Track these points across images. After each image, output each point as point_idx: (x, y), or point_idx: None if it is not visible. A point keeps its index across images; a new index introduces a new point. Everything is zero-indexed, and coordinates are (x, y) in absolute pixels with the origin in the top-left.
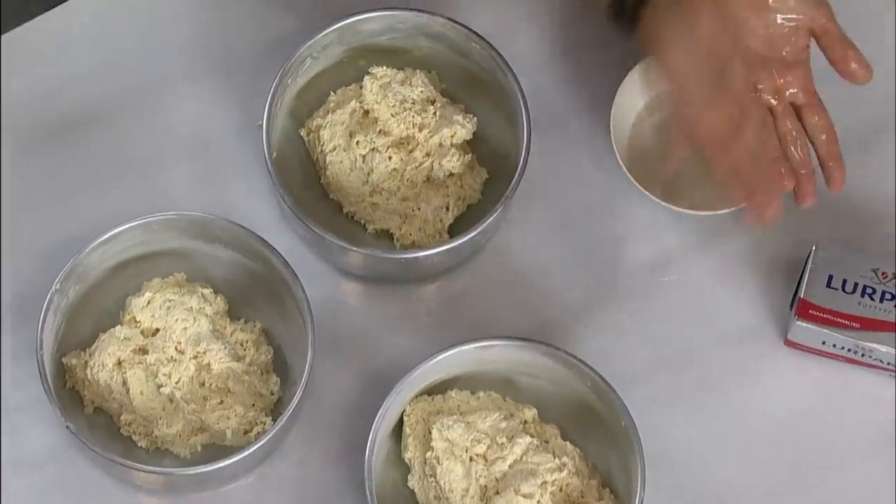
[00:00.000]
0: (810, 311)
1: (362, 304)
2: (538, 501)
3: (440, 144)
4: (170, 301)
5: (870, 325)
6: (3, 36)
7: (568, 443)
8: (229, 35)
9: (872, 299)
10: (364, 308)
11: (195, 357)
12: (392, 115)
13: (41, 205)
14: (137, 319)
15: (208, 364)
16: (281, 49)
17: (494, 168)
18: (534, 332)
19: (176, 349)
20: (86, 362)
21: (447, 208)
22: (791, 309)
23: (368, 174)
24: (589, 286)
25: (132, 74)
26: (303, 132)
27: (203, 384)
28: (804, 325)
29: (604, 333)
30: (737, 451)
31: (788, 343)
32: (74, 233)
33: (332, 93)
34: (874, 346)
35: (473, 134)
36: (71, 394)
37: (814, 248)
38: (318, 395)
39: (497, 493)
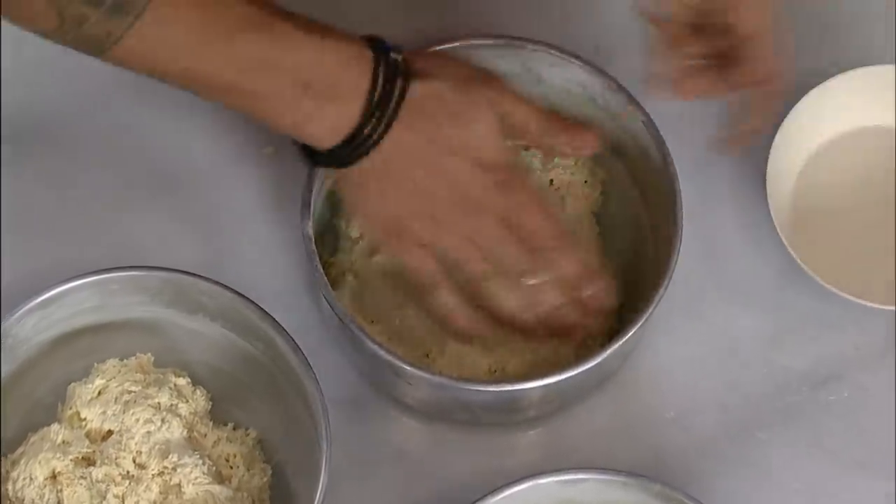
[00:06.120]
0: None
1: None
2: None
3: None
4: (129, 393)
5: None
6: None
7: None
8: None
9: None
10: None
11: (161, 474)
12: None
13: None
14: (82, 416)
15: (179, 485)
16: None
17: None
18: (642, 465)
19: (134, 462)
20: (7, 472)
21: None
22: None
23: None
24: (724, 404)
25: (89, 78)
26: None
27: None
28: None
29: (741, 471)
30: None
31: None
32: (1, 290)
33: None
34: None
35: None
36: None
37: None
38: None
39: None
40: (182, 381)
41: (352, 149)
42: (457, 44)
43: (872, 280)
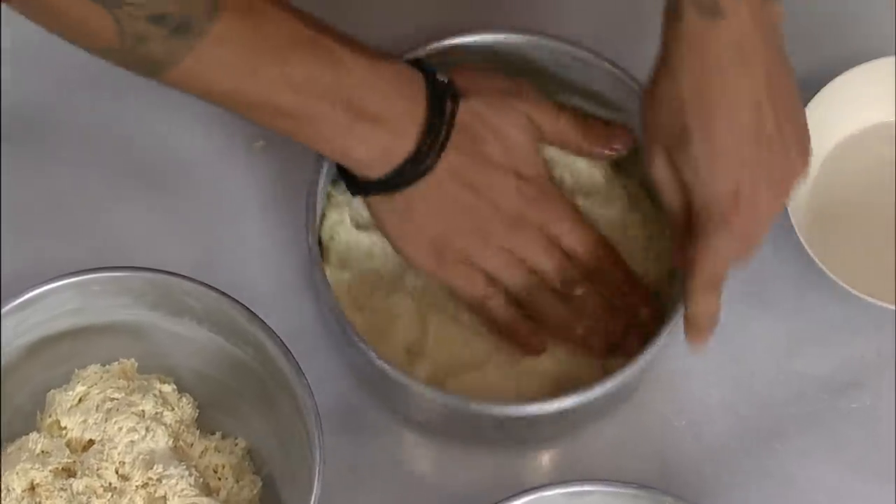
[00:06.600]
0: None
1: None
2: None
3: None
4: (112, 400)
5: None
6: None
7: None
8: None
9: None
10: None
11: (145, 486)
12: None
13: None
14: (62, 425)
15: (164, 497)
16: None
17: None
18: (652, 477)
19: (117, 473)
20: None
21: None
22: None
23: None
24: (738, 412)
25: (70, 71)
26: None
27: None
28: None
29: (756, 483)
30: None
31: None
32: None
33: None
34: None
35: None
36: None
37: None
38: None
39: None
40: (167, 388)
41: (404, 175)
42: (480, 37)
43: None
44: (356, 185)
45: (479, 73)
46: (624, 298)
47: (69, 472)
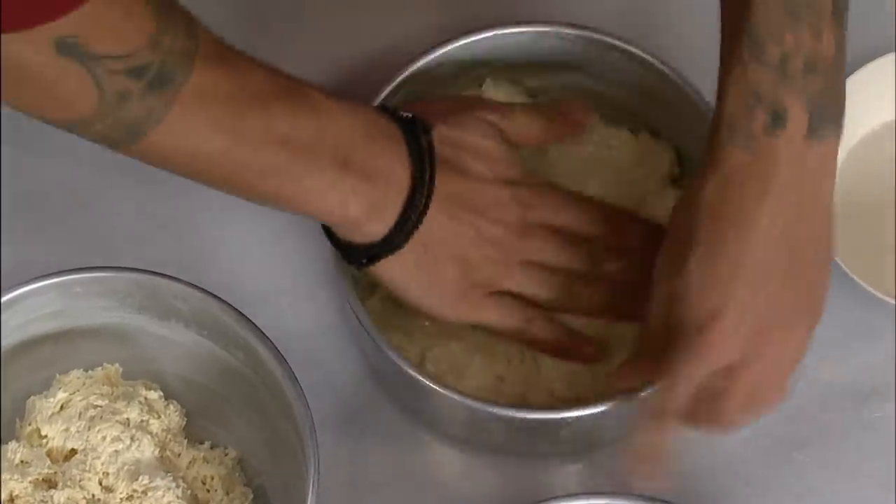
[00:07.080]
0: None
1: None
2: None
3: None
4: (95, 408)
5: None
6: None
7: None
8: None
9: None
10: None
11: (130, 498)
12: None
13: None
14: (43, 434)
15: None
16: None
17: None
18: (667, 488)
19: (100, 484)
20: None
21: None
22: None
23: None
24: (757, 421)
25: None
26: None
27: None
28: None
29: (774, 495)
30: None
31: None
32: None
33: None
34: None
35: None
36: None
37: None
38: None
39: None
40: (153, 395)
41: (408, 222)
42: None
43: None
44: (357, 255)
45: (426, 100)
46: (652, 252)
47: (50, 484)
